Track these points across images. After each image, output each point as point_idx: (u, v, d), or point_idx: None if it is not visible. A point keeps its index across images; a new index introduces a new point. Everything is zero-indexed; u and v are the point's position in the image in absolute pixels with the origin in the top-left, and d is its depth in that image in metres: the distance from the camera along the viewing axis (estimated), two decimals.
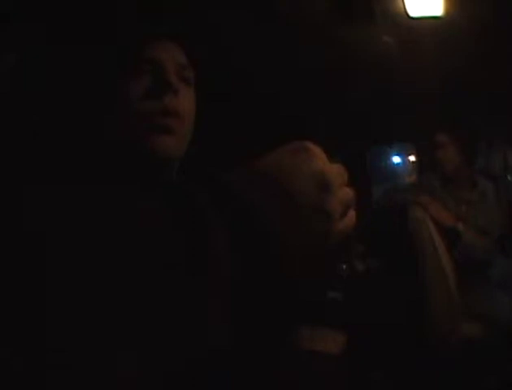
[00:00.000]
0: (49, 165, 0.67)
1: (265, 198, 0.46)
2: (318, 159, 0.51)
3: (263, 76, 3.07)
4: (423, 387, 1.93)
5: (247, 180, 0.48)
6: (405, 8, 2.70)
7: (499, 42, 2.81)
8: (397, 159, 5.51)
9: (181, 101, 0.76)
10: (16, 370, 0.44)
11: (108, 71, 0.74)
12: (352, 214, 0.55)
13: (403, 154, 5.34)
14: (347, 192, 0.53)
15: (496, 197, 2.44)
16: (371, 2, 2.59)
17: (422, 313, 2.02)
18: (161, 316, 0.49)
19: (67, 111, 0.74)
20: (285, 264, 0.48)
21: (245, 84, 2.97)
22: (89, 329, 0.46)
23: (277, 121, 3.12)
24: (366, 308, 2.05)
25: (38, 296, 0.48)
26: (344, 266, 2.35)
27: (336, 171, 0.51)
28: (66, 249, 0.51)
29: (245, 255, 0.45)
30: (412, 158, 4.84)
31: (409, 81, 3.26)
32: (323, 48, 2.95)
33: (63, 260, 0.50)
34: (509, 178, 3.79)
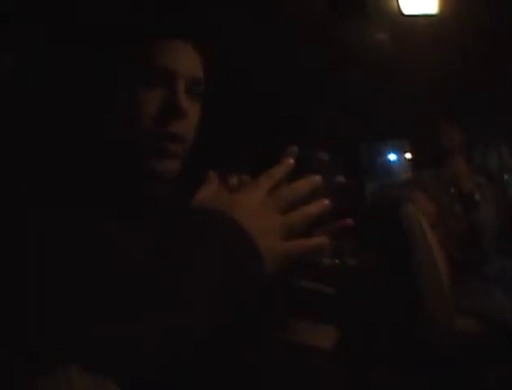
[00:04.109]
0: (49, 165, 0.67)
1: None
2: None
3: (263, 76, 3.06)
4: (422, 387, 1.93)
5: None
6: (398, 6, 2.71)
7: (496, 41, 2.81)
8: (392, 156, 5.53)
9: (188, 123, 0.73)
10: (16, 369, 0.44)
11: (108, 71, 0.73)
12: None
13: (399, 152, 5.36)
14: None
15: (493, 194, 2.44)
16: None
17: (416, 310, 2.02)
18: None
19: (66, 112, 0.74)
20: None
21: (245, 84, 2.96)
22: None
23: (277, 121, 3.12)
24: (360, 304, 2.05)
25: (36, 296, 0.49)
26: (337, 261, 2.35)
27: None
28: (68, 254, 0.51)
29: None
30: (408, 156, 4.85)
31: (406, 79, 3.26)
32: (322, 48, 2.95)
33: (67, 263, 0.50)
34: (505, 177, 3.80)
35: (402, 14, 2.74)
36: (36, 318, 0.48)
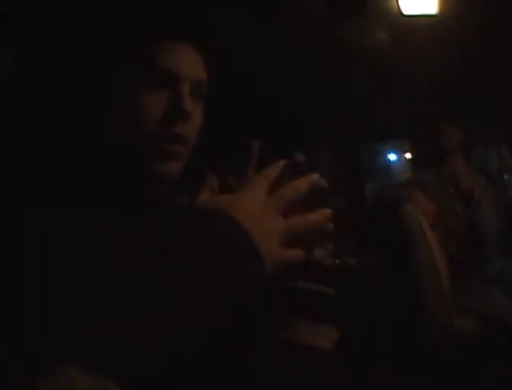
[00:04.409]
0: (49, 165, 0.67)
1: None
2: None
3: (263, 76, 3.07)
4: (422, 387, 1.93)
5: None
6: (398, 6, 2.71)
7: (496, 41, 2.82)
8: (392, 156, 5.54)
9: (191, 125, 0.73)
10: (16, 369, 0.44)
11: (108, 71, 0.73)
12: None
13: (399, 152, 5.37)
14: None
15: (493, 194, 2.45)
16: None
17: (416, 310, 2.02)
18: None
19: (67, 112, 0.74)
20: None
21: (245, 84, 2.97)
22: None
23: (277, 121, 3.12)
24: (360, 304, 2.05)
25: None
26: (337, 261, 2.36)
27: None
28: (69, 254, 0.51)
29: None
30: (408, 156, 4.86)
31: (406, 79, 3.26)
32: (322, 48, 2.95)
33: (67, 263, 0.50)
34: (505, 177, 3.80)
35: (402, 14, 2.75)
36: (36, 318, 0.48)
